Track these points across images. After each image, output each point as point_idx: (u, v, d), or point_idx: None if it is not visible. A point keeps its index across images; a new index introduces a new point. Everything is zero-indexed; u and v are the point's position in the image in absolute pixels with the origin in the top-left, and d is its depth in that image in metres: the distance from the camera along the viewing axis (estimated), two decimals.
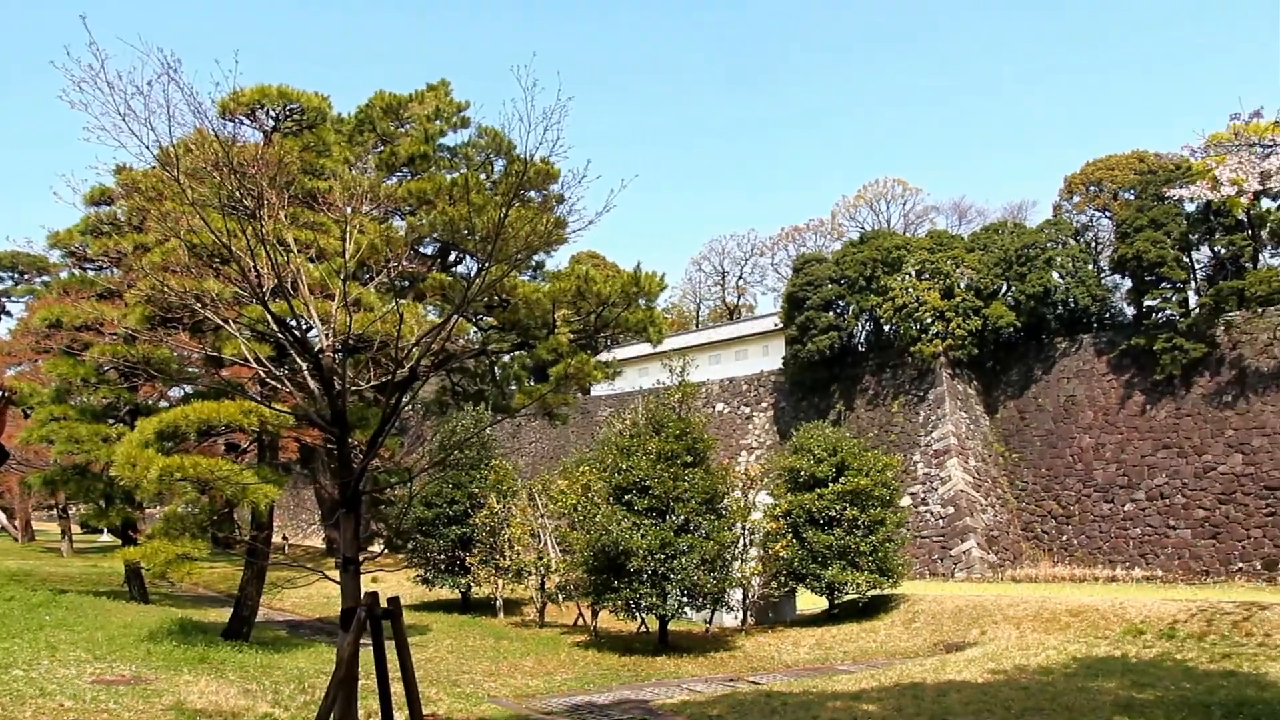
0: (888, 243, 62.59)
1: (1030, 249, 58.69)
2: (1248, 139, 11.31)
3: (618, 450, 31.88)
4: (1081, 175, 64.34)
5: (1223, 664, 20.82)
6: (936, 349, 58.03)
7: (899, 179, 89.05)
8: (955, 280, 59.12)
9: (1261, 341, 49.39)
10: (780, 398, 67.89)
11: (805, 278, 63.80)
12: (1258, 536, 46.26)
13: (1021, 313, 58.00)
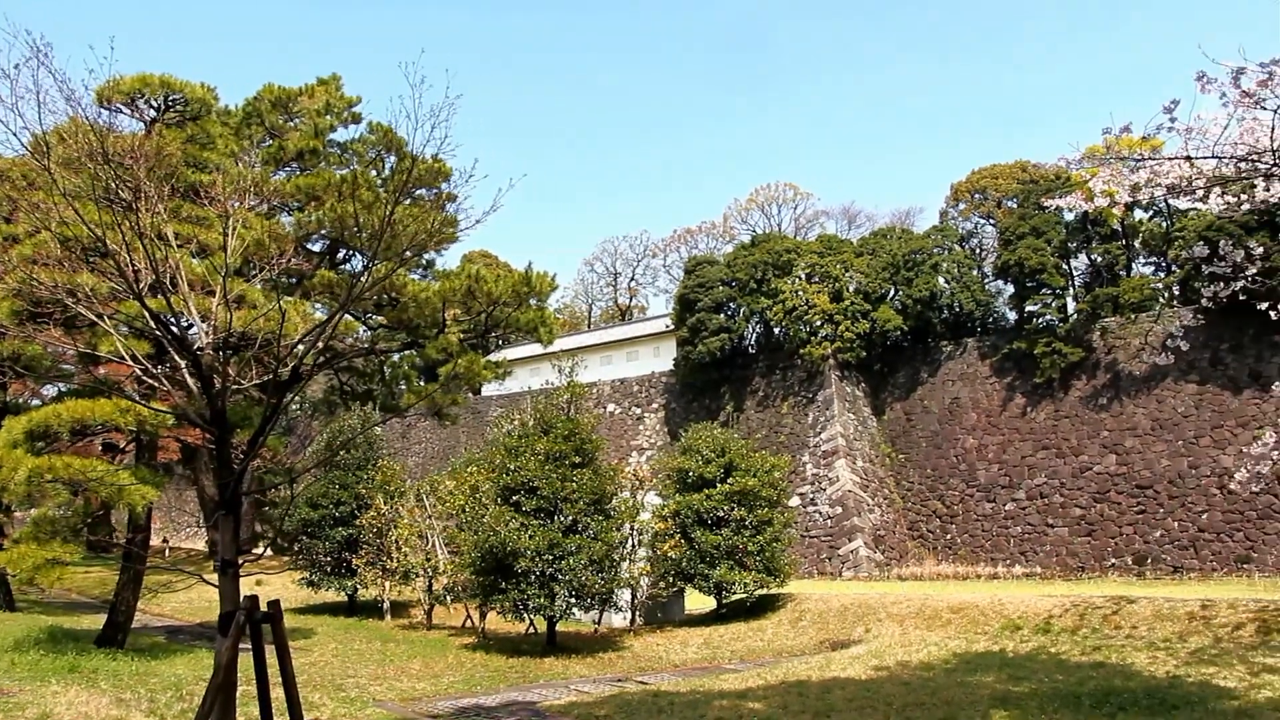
0: (779, 246, 63.23)
1: (917, 254, 59.83)
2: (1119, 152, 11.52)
3: (506, 451, 31.51)
4: (967, 183, 65.85)
5: (1093, 656, 21.31)
6: (825, 351, 58.76)
7: (790, 183, 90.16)
8: (844, 284, 59.96)
9: (1134, 346, 51.01)
10: (671, 399, 68.09)
11: (697, 279, 64.12)
12: (1129, 533, 47.71)
13: (908, 316, 59.07)
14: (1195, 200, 11.21)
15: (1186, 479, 46.98)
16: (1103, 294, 53.31)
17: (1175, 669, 18.87)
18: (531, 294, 29.99)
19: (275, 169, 40.03)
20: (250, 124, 40.93)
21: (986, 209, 64.74)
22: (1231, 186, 10.89)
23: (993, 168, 65.56)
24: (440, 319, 28.82)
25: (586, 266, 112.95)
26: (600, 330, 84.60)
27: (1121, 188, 11.06)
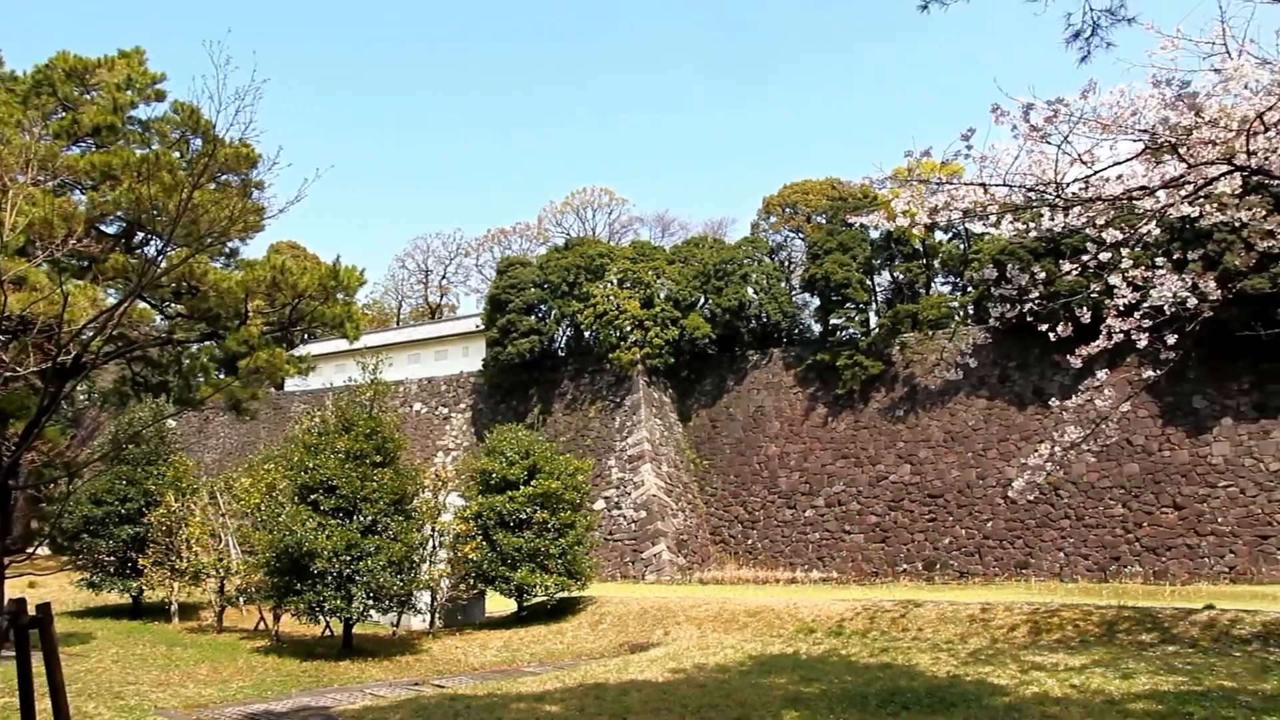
0: (592, 250, 63.48)
1: (728, 264, 60.92)
2: (919, 175, 11.91)
3: (305, 448, 30.66)
4: (779, 197, 67.38)
5: (881, 657, 22.07)
6: (635, 356, 59.27)
7: (606, 188, 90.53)
8: (656, 290, 60.63)
9: (930, 361, 53.19)
10: (479, 399, 67.54)
11: (509, 280, 63.79)
12: (920, 540, 49.71)
13: (717, 325, 60.11)
14: (989, 225, 11.68)
15: (974, 489, 49.24)
16: (903, 310, 55.38)
17: (955, 669, 19.69)
18: (339, 288, 29.23)
19: (68, 144, 37.88)
20: (40, 93, 38.55)
21: (796, 223, 66.41)
22: (1021, 214, 11.40)
23: (804, 183, 67.26)
24: (243, 310, 27.80)
25: (398, 263, 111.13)
26: (410, 328, 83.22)
27: (921, 209, 11.44)
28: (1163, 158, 10.57)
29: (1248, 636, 22.15)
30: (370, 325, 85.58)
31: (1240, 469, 43.20)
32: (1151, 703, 15.34)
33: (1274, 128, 9.79)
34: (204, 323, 29.54)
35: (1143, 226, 11.09)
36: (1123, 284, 11.95)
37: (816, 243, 58.64)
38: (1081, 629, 24.15)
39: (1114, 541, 44.59)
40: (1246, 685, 16.83)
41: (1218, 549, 42.19)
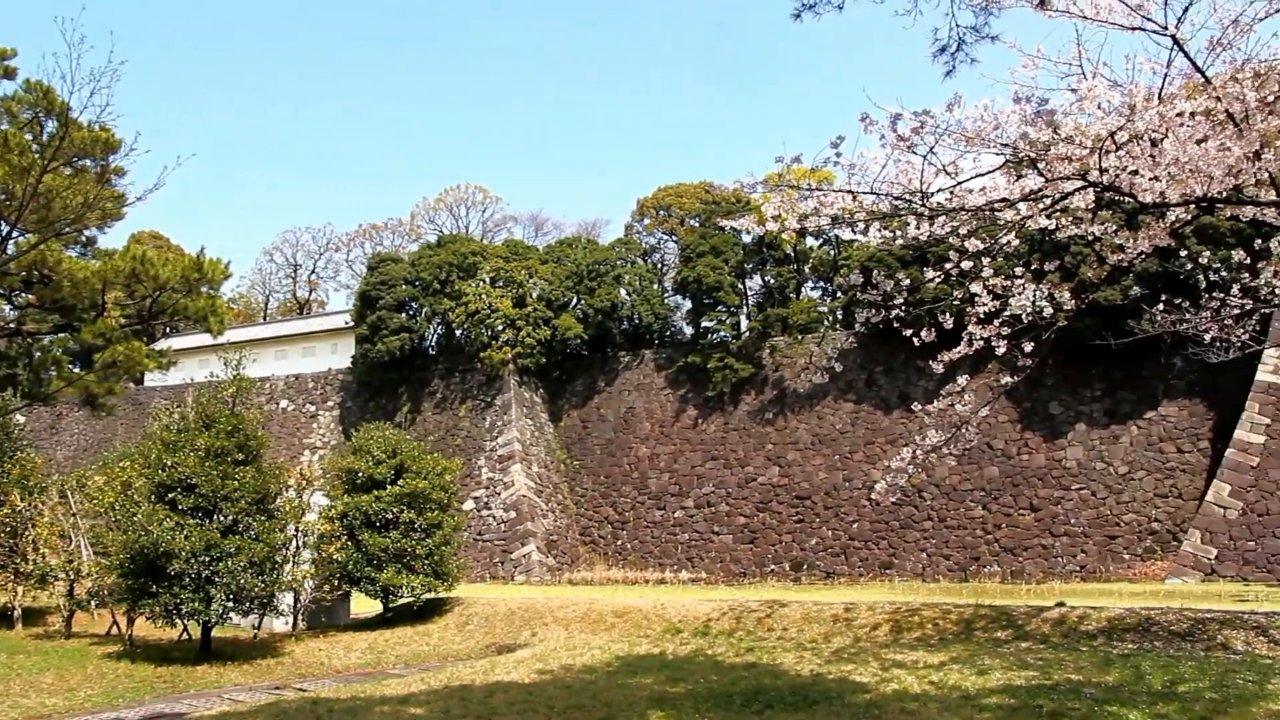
0: (465, 248, 62.99)
1: (601, 265, 61.07)
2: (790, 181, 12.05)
3: (163, 445, 29.68)
4: (653, 199, 67.68)
5: (746, 657, 22.37)
6: (506, 356, 59.00)
7: (480, 186, 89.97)
8: (528, 290, 60.45)
9: (799, 365, 54.11)
10: (348, 397, 66.43)
11: (380, 277, 62.89)
12: (788, 541, 50.52)
13: (589, 325, 60.19)
14: (857, 232, 11.89)
15: (840, 491, 50.24)
16: (774, 314, 56.19)
17: (819, 667, 20.06)
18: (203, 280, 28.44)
19: None
20: None
21: (670, 226, 66.81)
22: (888, 222, 11.64)
23: (678, 186, 67.66)
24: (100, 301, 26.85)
25: (265, 256, 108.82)
26: (277, 323, 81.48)
27: (791, 215, 11.59)
28: (1023, 171, 10.91)
29: (1094, 632, 23.06)
30: (236, 320, 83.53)
31: (1092, 472, 44.95)
32: (1004, 697, 15.84)
33: (1124, 147, 10.18)
34: (57, 314, 28.42)
35: (1003, 237, 11.44)
36: (984, 292, 12.31)
37: (689, 246, 59.15)
38: (941, 627, 24.81)
39: (974, 542, 45.97)
40: (1091, 678, 17.51)
41: (1070, 549, 43.82)
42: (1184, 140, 10.21)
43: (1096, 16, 10.27)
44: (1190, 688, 16.37)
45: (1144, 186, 10.30)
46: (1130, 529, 43.24)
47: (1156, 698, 15.51)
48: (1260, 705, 14.79)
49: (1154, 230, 11.47)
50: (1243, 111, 10.34)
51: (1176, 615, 23.37)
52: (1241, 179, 10.33)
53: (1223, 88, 10.40)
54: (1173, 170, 10.28)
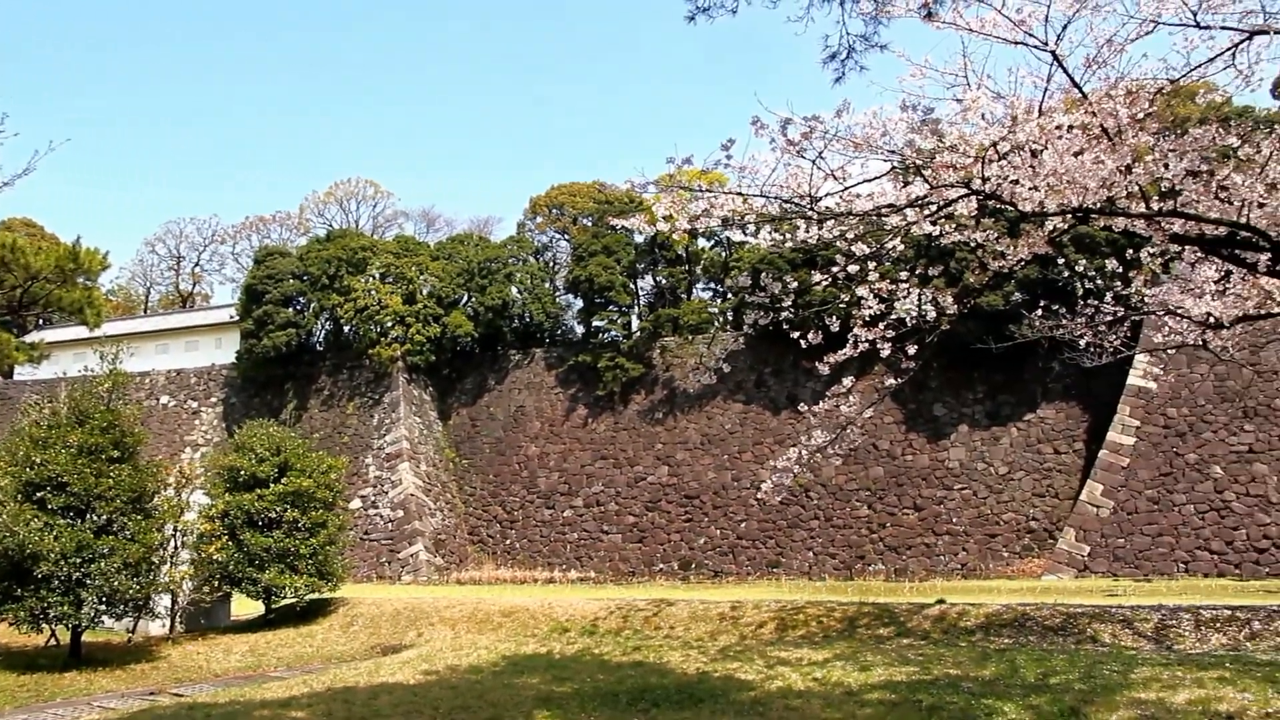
0: (355, 243, 62.12)
1: (493, 263, 60.79)
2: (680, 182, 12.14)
3: (32, 442, 28.55)
4: (546, 198, 67.54)
5: (633, 656, 22.43)
6: (395, 353, 58.35)
7: (371, 180, 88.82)
8: (419, 286, 59.88)
9: (689, 365, 54.51)
10: (232, 393, 64.97)
11: (267, 270, 61.66)
12: (676, 540, 50.84)
13: (480, 323, 59.86)
14: (748, 234, 12.02)
15: (729, 490, 50.72)
16: (665, 314, 56.54)
17: (705, 665, 20.21)
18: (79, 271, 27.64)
19: None
20: None
21: (563, 224, 66.76)
22: (778, 224, 11.79)
23: (571, 185, 67.64)
24: None
25: (147, 247, 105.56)
26: (159, 316, 79.37)
27: (681, 216, 11.66)
28: (909, 178, 11.15)
29: (972, 628, 23.68)
30: (115, 312, 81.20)
31: (974, 472, 46.14)
32: (886, 692, 16.15)
33: (1006, 157, 10.49)
34: None
35: (889, 242, 11.68)
36: (870, 296, 12.55)
37: (581, 245, 59.21)
38: (825, 625, 25.22)
39: (859, 541, 46.82)
40: (969, 672, 17.96)
41: (952, 547, 44.91)
42: (1062, 152, 10.56)
43: (981, 30, 10.56)
44: (1061, 679, 16.90)
45: (1024, 196, 10.61)
46: (1009, 528, 44.47)
47: (1030, 690, 15.98)
48: (1124, 694, 15.36)
49: (1033, 238, 11.83)
50: (1116, 127, 10.73)
51: (1050, 611, 24.12)
52: (1114, 191, 10.71)
53: (1098, 103, 10.79)
54: (1051, 181, 10.62)
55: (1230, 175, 11.29)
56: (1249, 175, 11.28)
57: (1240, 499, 39.40)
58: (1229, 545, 38.80)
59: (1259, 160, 11.37)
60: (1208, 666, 17.83)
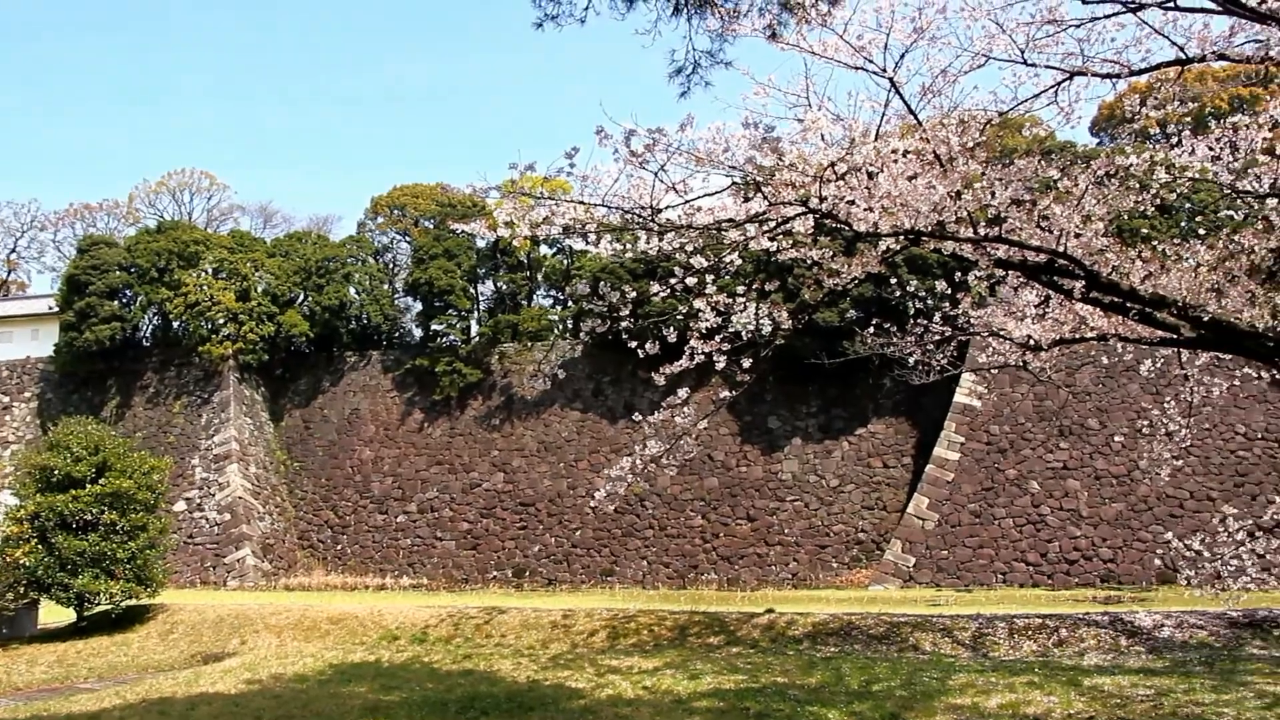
0: (187, 236, 60.04)
1: (331, 262, 59.58)
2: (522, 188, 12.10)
3: None
4: (388, 198, 66.41)
5: (464, 664, 22.25)
6: (226, 351, 56.60)
7: (207, 172, 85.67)
8: (254, 283, 58.23)
9: (528, 372, 54.38)
10: (49, 389, 61.90)
11: (91, 260, 58.97)
12: (511, 547, 50.57)
13: (316, 324, 58.53)
14: (589, 243, 12.03)
15: (565, 498, 50.71)
16: (504, 320, 56.28)
17: (536, 673, 20.18)
18: None
19: None
20: None
21: (404, 226, 65.76)
22: (619, 235, 11.83)
23: (414, 186, 66.65)
24: None
25: None
26: None
27: (523, 222, 11.60)
28: (749, 194, 11.33)
29: (800, 636, 24.21)
30: None
31: (806, 484, 47.20)
32: (714, 700, 16.38)
33: (843, 178, 10.75)
34: None
35: (727, 256, 11.84)
36: (707, 308, 12.70)
37: (423, 247, 58.52)
38: (656, 633, 25.42)
39: (693, 550, 47.36)
40: (796, 680, 18.36)
41: (784, 557, 45.82)
42: (896, 176, 10.88)
43: (824, 53, 10.82)
44: (883, 686, 17.42)
45: (859, 216, 10.89)
46: (839, 539, 45.64)
47: (853, 697, 16.42)
48: (942, 699, 15.92)
49: (867, 258, 12.14)
50: (948, 154, 11.12)
51: (875, 620, 24.83)
52: (944, 215, 11.09)
53: (932, 131, 11.17)
54: (885, 203, 10.93)
55: (1050, 206, 11.81)
56: (1067, 207, 11.83)
57: (1054, 513, 41.37)
58: (1043, 557, 40.66)
59: (1076, 193, 11.93)
60: (1019, 672, 18.62)
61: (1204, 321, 12.01)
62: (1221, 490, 40.54)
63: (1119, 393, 43.33)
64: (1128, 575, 39.62)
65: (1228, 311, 12.62)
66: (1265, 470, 40.84)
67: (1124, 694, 16.33)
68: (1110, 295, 12.16)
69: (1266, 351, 12.53)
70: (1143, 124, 13.17)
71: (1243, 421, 41.96)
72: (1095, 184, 12.27)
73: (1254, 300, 13.05)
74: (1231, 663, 20.10)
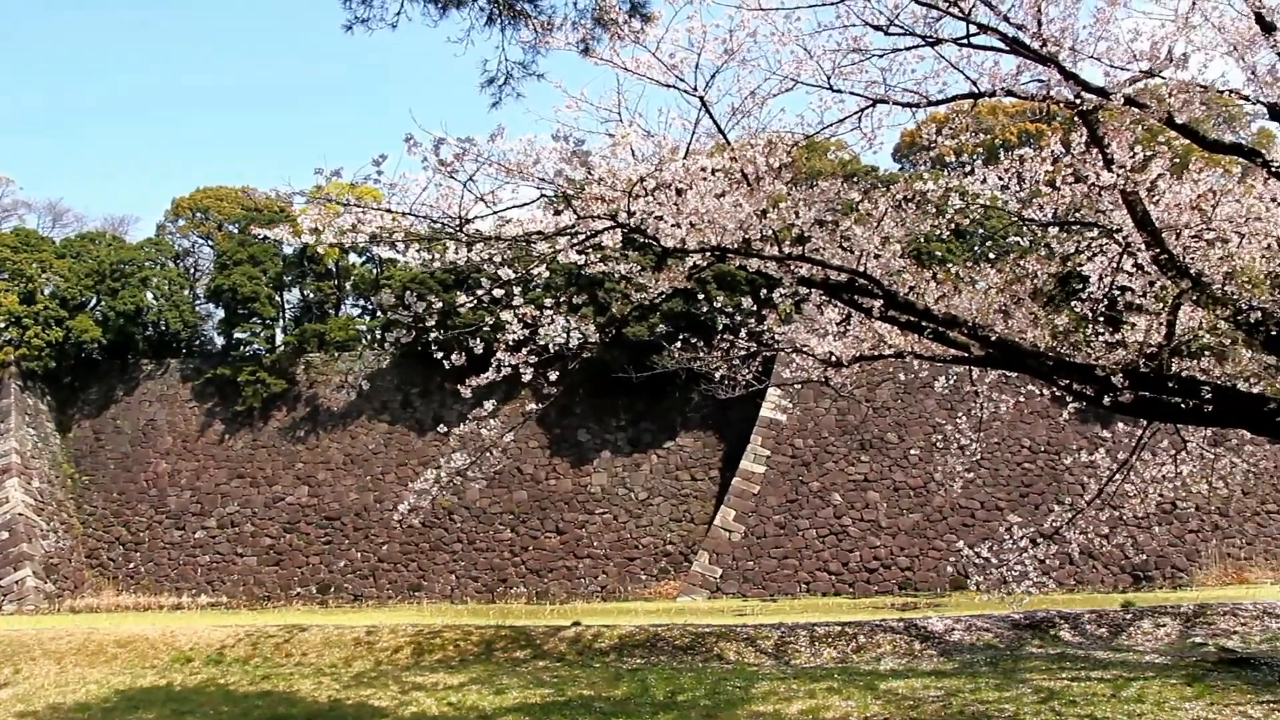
0: None
1: (127, 265, 56.98)
2: (328, 194, 11.87)
3: None
4: (191, 200, 63.94)
5: (262, 685, 21.50)
6: (8, 358, 53.37)
7: None
8: (39, 285, 55.17)
9: (335, 383, 53.15)
10: None
11: None
12: (315, 563, 49.22)
13: (109, 329, 55.78)
14: (398, 252, 11.85)
15: (371, 512, 49.68)
16: (311, 329, 54.89)
17: (338, 692, 19.66)
18: None
19: None
20: None
21: (207, 229, 63.47)
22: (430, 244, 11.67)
23: (218, 189, 64.34)
24: None
25: None
26: None
27: (328, 229, 11.34)
28: (559, 207, 11.35)
29: (606, 649, 24.32)
30: None
31: (615, 497, 47.50)
32: (520, 715, 16.29)
33: (652, 194, 10.88)
34: None
35: (535, 268, 11.83)
36: (514, 320, 12.65)
37: (226, 252, 56.59)
38: (462, 649, 25.14)
39: (502, 564, 47.07)
40: (602, 692, 18.41)
41: (593, 570, 45.98)
42: (704, 193, 11.08)
43: (636, 70, 10.94)
44: (688, 696, 17.64)
45: (667, 232, 11.04)
46: (648, 551, 46.07)
47: (659, 708, 16.57)
48: (746, 707, 16.24)
49: (674, 273, 12.32)
50: (755, 173, 11.39)
51: (680, 631, 25.14)
52: (750, 233, 11.34)
53: (740, 150, 11.43)
54: (693, 219, 11.11)
55: (852, 227, 12.22)
56: (868, 228, 12.26)
57: (855, 524, 42.81)
58: (845, 566, 42.01)
59: (876, 215, 12.38)
60: (819, 678, 19.14)
61: (991, 341, 12.61)
62: (1009, 500, 42.72)
63: (916, 408, 45.17)
64: (924, 582, 41.31)
65: (1013, 332, 13.29)
66: (1047, 481, 43.24)
67: (917, 695, 16.98)
68: (907, 314, 12.66)
69: (1046, 370, 13.26)
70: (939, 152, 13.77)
71: (1028, 436, 44.34)
72: (894, 207, 12.77)
73: (1036, 322, 13.78)
74: (1013, 662, 21.16)
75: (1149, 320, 14.42)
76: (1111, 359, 13.09)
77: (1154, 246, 12.48)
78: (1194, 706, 14.46)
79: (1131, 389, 12.55)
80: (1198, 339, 14.80)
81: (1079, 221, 14.60)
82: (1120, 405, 12.92)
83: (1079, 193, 13.65)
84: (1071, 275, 16.32)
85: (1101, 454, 21.51)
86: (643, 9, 12.00)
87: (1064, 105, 11.40)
